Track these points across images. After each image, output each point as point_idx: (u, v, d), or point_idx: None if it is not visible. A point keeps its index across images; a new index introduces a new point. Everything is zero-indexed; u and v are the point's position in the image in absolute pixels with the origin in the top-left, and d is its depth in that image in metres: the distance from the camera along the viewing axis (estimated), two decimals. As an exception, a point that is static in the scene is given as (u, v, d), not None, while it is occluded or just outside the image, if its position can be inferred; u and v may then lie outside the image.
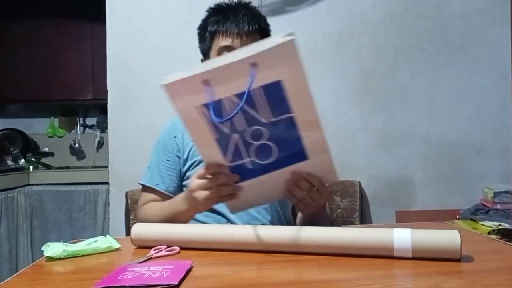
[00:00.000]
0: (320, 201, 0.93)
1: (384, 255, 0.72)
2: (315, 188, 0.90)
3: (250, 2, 1.19)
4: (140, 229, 0.88)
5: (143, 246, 0.86)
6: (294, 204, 0.99)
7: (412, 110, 1.90)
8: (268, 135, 0.82)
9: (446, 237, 0.69)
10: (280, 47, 0.69)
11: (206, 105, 0.76)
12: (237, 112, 0.75)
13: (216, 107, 0.77)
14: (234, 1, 1.17)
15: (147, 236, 0.87)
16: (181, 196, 1.00)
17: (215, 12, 1.14)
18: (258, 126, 0.81)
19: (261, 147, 0.83)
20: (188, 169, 1.19)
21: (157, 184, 1.18)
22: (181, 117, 0.80)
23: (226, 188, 0.87)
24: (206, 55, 1.17)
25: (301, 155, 0.84)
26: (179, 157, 1.20)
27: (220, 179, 0.87)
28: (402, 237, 0.70)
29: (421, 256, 0.70)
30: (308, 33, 1.83)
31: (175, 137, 1.21)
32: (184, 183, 1.20)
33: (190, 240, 0.84)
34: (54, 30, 2.88)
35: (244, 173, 0.87)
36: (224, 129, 0.81)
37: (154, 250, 0.81)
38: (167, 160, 1.19)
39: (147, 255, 0.78)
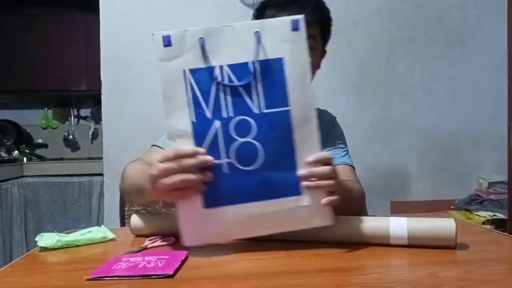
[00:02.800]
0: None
1: (380, 243, 0.72)
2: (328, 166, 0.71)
3: None
4: (139, 219, 0.87)
5: (143, 235, 0.85)
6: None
7: (408, 101, 1.90)
8: (256, 131, 0.69)
9: (442, 225, 0.70)
10: (288, 22, 0.70)
11: (194, 71, 0.69)
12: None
13: (205, 75, 0.69)
14: None
15: (147, 225, 0.86)
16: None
17: None
18: (246, 116, 0.69)
19: (244, 146, 0.69)
20: None
21: None
22: (162, 84, 0.70)
23: (193, 177, 0.67)
24: None
25: (291, 172, 0.69)
26: None
27: (190, 164, 0.66)
28: (398, 225, 0.71)
29: (417, 244, 0.70)
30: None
31: None
32: None
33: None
34: (47, 20, 2.84)
35: (216, 180, 0.69)
36: (205, 110, 0.69)
37: (149, 240, 0.81)
38: None
39: (142, 245, 0.77)
